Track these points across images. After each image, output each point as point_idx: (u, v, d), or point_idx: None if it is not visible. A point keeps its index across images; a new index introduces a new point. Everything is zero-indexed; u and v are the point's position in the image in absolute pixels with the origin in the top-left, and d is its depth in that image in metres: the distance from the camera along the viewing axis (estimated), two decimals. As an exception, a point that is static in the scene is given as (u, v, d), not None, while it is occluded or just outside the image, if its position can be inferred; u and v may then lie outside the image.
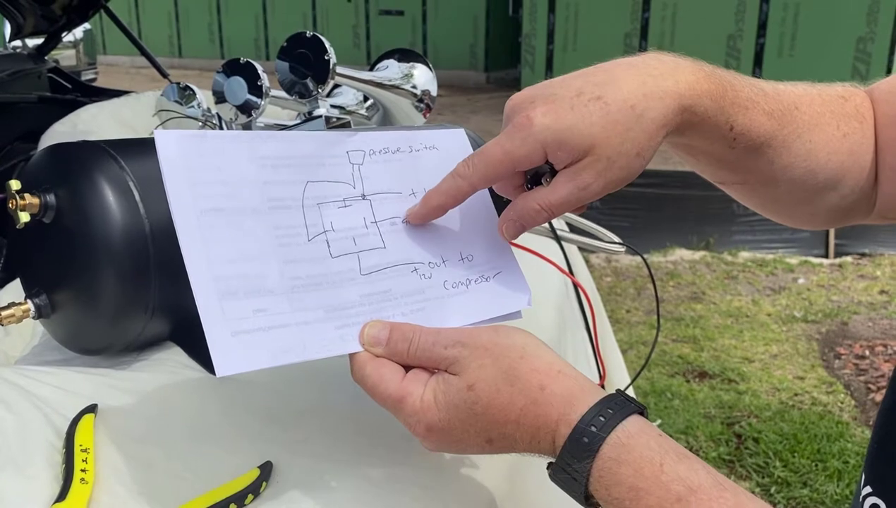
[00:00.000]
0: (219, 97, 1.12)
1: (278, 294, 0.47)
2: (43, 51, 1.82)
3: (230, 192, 0.48)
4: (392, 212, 0.54)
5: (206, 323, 0.43)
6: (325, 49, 1.09)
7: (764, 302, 3.48)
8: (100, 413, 0.57)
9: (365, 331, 0.49)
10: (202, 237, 0.46)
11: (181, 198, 0.46)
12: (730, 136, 0.54)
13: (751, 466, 2.26)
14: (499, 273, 0.56)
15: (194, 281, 0.44)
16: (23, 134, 1.59)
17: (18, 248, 0.67)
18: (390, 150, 0.57)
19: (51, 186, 0.61)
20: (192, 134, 0.49)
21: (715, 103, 0.52)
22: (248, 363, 0.44)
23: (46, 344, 0.71)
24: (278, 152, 0.51)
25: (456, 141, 0.60)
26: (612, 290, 3.59)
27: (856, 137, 0.60)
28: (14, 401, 0.57)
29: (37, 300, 0.63)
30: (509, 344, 0.47)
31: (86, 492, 0.49)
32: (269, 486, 0.53)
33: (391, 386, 0.47)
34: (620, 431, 0.42)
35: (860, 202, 0.62)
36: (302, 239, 0.50)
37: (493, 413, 0.45)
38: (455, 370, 0.46)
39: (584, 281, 1.01)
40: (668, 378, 2.76)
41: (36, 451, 0.52)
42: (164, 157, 0.47)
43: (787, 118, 0.56)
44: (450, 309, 0.53)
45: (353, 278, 0.51)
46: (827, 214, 0.63)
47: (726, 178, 0.61)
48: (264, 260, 0.47)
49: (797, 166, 0.58)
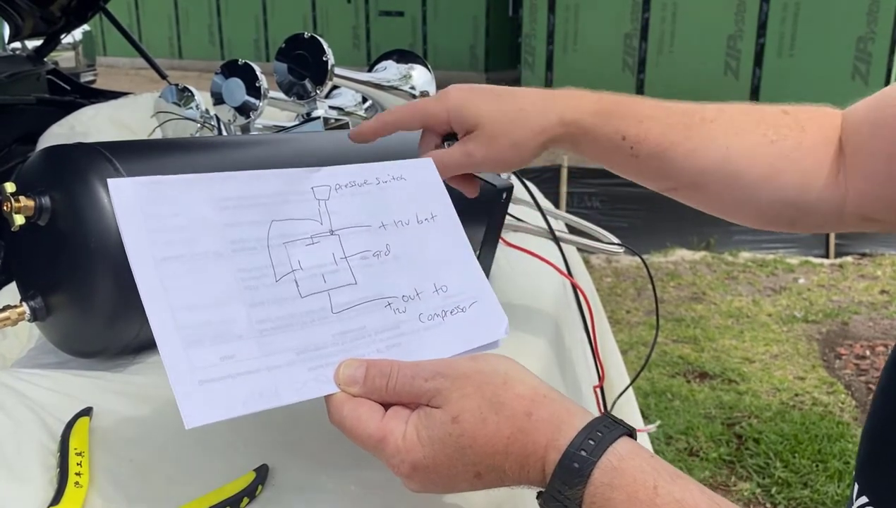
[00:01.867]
0: (217, 98, 1.12)
1: (246, 338, 0.46)
2: (42, 52, 1.82)
3: (190, 237, 0.47)
4: (362, 246, 0.53)
5: (171, 373, 0.42)
6: (323, 50, 1.09)
7: (764, 303, 3.47)
8: (95, 416, 0.57)
9: (340, 371, 0.47)
10: (163, 285, 0.44)
11: (139, 247, 0.45)
12: (625, 145, 0.65)
13: (751, 467, 2.25)
14: (475, 302, 0.55)
15: (157, 331, 0.43)
16: (21, 136, 1.59)
17: (14, 251, 0.67)
18: (357, 183, 0.55)
19: (46, 189, 0.61)
20: (149, 180, 0.47)
21: (600, 118, 0.65)
22: (218, 412, 0.42)
23: (42, 347, 0.71)
24: (239, 193, 0.50)
25: (424, 170, 0.59)
26: (612, 291, 3.58)
27: (787, 143, 0.64)
28: (9, 404, 0.56)
29: (32, 303, 0.63)
30: (491, 370, 0.46)
31: (80, 496, 0.49)
32: (264, 489, 0.52)
33: (371, 426, 0.45)
34: (611, 454, 0.41)
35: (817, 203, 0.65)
36: (269, 280, 0.48)
37: (481, 444, 0.43)
38: (437, 402, 0.45)
39: (582, 283, 1.01)
40: (669, 378, 2.76)
41: (30, 454, 0.52)
42: (118, 206, 0.46)
43: (694, 129, 0.65)
44: (427, 343, 0.51)
45: (325, 317, 0.49)
46: (774, 210, 0.66)
47: (661, 186, 0.69)
48: (230, 304, 0.46)
49: (717, 169, 0.65)
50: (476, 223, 0.87)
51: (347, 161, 0.57)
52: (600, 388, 1.00)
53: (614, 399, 1.10)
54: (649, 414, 2.45)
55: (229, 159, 0.71)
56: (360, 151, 0.81)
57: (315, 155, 0.78)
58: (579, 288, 0.95)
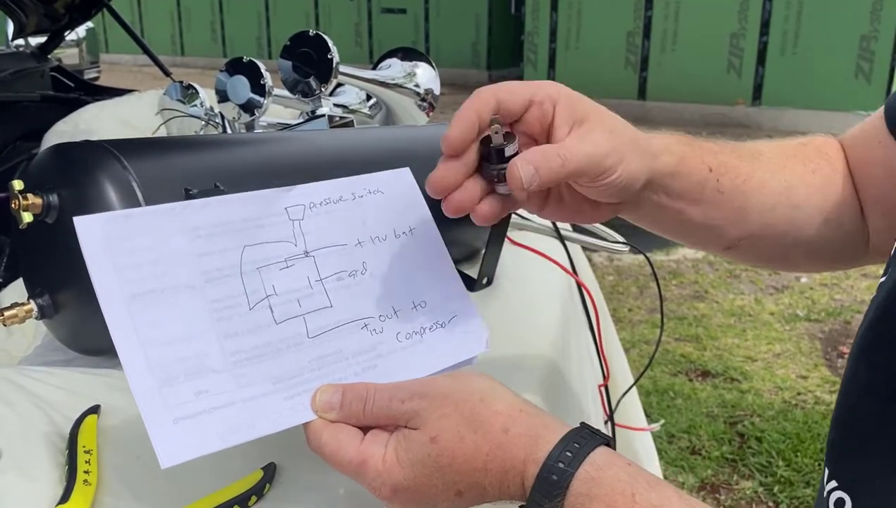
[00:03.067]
0: (221, 96, 1.12)
1: (221, 371, 0.45)
2: (46, 49, 1.82)
3: (162, 271, 0.46)
4: (337, 267, 0.52)
5: (144, 412, 0.42)
6: (328, 48, 1.09)
7: (767, 302, 3.47)
8: (102, 414, 0.57)
9: (317, 397, 0.47)
10: (133, 323, 0.44)
11: (107, 285, 0.44)
12: (712, 178, 0.58)
13: (753, 465, 2.25)
14: (454, 317, 0.54)
15: (128, 370, 0.43)
16: (25, 133, 1.59)
17: (21, 249, 0.67)
18: (332, 200, 0.55)
19: (53, 186, 0.61)
20: (117, 215, 0.47)
21: (687, 146, 0.58)
22: (194, 450, 0.42)
23: (49, 345, 0.71)
24: (212, 220, 0.49)
25: (401, 181, 0.58)
26: (614, 289, 3.58)
27: (825, 172, 0.63)
28: (17, 402, 0.57)
29: (40, 300, 0.63)
30: (469, 389, 0.46)
31: (89, 494, 0.49)
32: (272, 488, 0.52)
33: (350, 451, 0.45)
34: (589, 465, 0.42)
35: (853, 235, 0.64)
36: (243, 309, 0.48)
37: (460, 463, 0.44)
38: (415, 424, 0.45)
39: (587, 281, 1.01)
40: (671, 377, 2.76)
41: (39, 452, 0.52)
42: (85, 244, 0.45)
43: (756, 162, 0.61)
44: (405, 363, 0.51)
45: (301, 342, 0.49)
46: (828, 252, 0.65)
47: (735, 234, 0.62)
48: (203, 338, 0.46)
49: (782, 204, 0.61)
50: (482, 221, 0.87)
51: (358, 158, 0.56)
52: (605, 387, 1.01)
53: (619, 397, 1.10)
54: (651, 413, 2.45)
55: (237, 156, 0.71)
56: (374, 148, 0.81)
57: (323, 153, 0.77)
58: (585, 287, 0.95)
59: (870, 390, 0.49)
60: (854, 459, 0.49)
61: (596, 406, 0.96)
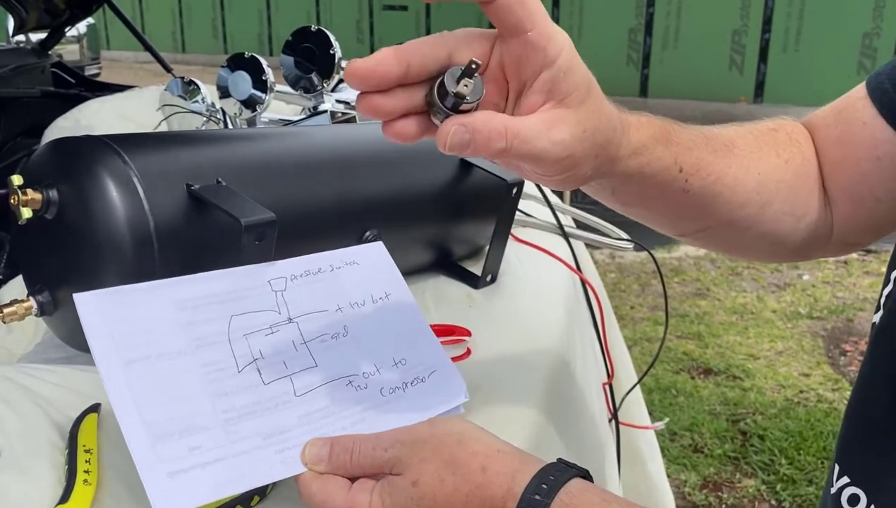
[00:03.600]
0: (223, 92, 1.11)
1: (213, 428, 0.48)
2: (46, 45, 1.81)
3: (154, 339, 0.50)
4: (320, 330, 0.56)
5: (140, 467, 0.44)
6: (330, 43, 1.08)
7: (769, 299, 3.46)
8: (103, 412, 0.56)
9: (306, 450, 0.49)
10: (129, 386, 0.47)
11: (105, 353, 0.48)
12: (681, 178, 0.55)
13: (756, 463, 2.25)
14: (433, 372, 0.57)
15: (125, 429, 0.45)
16: (26, 129, 1.59)
17: (21, 245, 0.66)
18: (311, 272, 0.58)
19: (53, 182, 0.60)
20: (111, 291, 0.50)
21: (663, 145, 0.53)
22: (188, 501, 0.44)
23: (49, 342, 0.70)
24: (197, 293, 0.53)
25: (375, 253, 0.63)
26: (615, 286, 3.57)
27: (796, 162, 0.62)
28: (16, 400, 0.56)
29: (39, 297, 0.63)
30: (446, 432, 0.48)
31: (89, 494, 0.48)
32: (274, 488, 0.52)
33: (338, 501, 0.47)
34: (563, 494, 0.43)
35: (817, 227, 0.63)
36: (232, 371, 0.51)
37: (441, 504, 0.45)
38: (398, 470, 0.47)
39: (591, 278, 1.00)
40: (673, 374, 2.75)
41: (39, 452, 0.52)
42: (84, 317, 0.49)
43: (730, 155, 0.58)
44: (390, 416, 0.54)
45: (288, 401, 0.52)
46: (790, 244, 0.63)
47: (693, 226, 0.61)
48: (195, 398, 0.49)
49: (753, 201, 0.59)
50: (486, 218, 0.86)
51: (360, 154, 0.56)
52: (609, 385, 1.00)
53: (622, 396, 1.09)
54: (653, 411, 2.44)
55: (238, 152, 0.70)
56: (375, 144, 0.80)
57: (324, 149, 0.77)
58: (589, 284, 0.94)
59: (886, 384, 0.48)
60: (869, 454, 0.49)
61: (600, 404, 0.95)
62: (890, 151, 0.57)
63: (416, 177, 0.80)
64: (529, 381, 0.70)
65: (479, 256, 0.93)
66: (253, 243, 0.59)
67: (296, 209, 0.68)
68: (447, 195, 0.82)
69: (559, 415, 0.71)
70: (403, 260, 0.76)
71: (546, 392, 0.69)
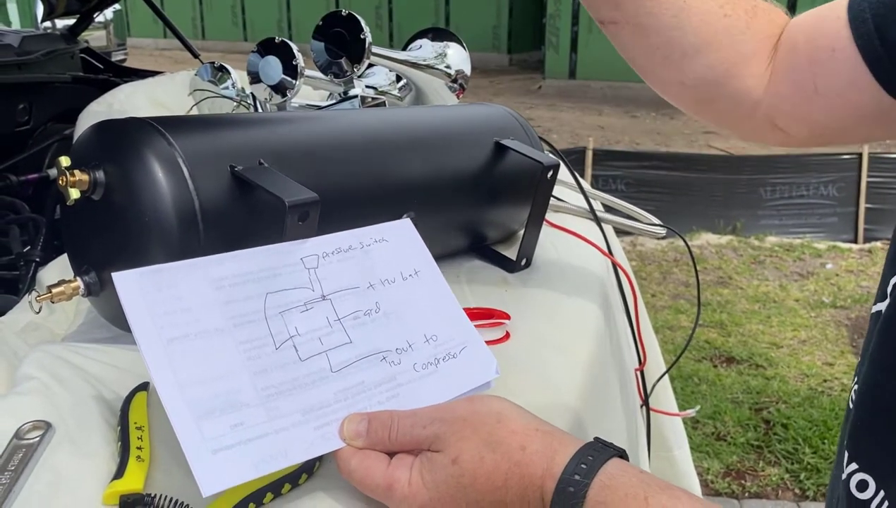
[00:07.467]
0: (253, 77, 1.11)
1: (254, 405, 0.49)
2: (75, 31, 1.82)
3: (193, 318, 0.50)
4: (353, 307, 0.57)
5: (185, 445, 0.45)
6: (361, 28, 1.08)
7: (791, 288, 3.44)
8: (151, 391, 0.57)
9: (344, 426, 0.50)
10: (171, 365, 0.48)
11: (146, 332, 0.48)
12: None
13: (780, 452, 2.24)
14: (464, 348, 0.58)
15: (169, 408, 0.46)
16: (57, 114, 1.60)
17: (67, 226, 0.67)
18: (342, 250, 0.60)
19: (99, 163, 0.60)
20: (150, 270, 0.51)
21: None
22: (232, 477, 0.45)
23: (93, 322, 0.71)
24: (233, 271, 0.54)
25: (404, 231, 0.64)
26: (637, 274, 3.56)
27: (738, 25, 0.63)
28: (68, 378, 0.57)
29: (86, 278, 0.63)
30: (486, 411, 0.48)
31: (143, 470, 0.49)
32: (310, 478, 0.52)
33: (377, 476, 0.48)
34: (603, 474, 0.44)
35: (737, 91, 0.65)
36: (269, 348, 0.52)
37: (481, 482, 0.46)
38: (437, 447, 0.47)
39: (623, 264, 1.00)
40: (696, 363, 2.75)
41: (92, 429, 0.52)
42: (124, 297, 0.49)
43: None
44: (423, 391, 0.55)
45: (325, 377, 0.52)
46: (695, 86, 0.66)
47: (606, 15, 0.65)
48: (235, 375, 0.49)
49: (667, 19, 0.62)
50: (521, 201, 0.86)
51: (399, 136, 0.56)
52: (640, 371, 1.00)
53: (654, 383, 1.09)
54: (676, 399, 2.44)
55: (279, 134, 0.71)
56: (416, 126, 0.80)
57: (363, 131, 0.77)
58: (623, 269, 0.94)
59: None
60: (878, 442, 0.49)
61: (633, 389, 0.95)
62: (846, 47, 0.58)
63: (453, 159, 0.80)
64: (568, 365, 0.70)
65: (512, 241, 0.93)
66: (296, 223, 0.59)
67: (335, 191, 0.68)
68: (483, 177, 0.82)
69: (596, 400, 0.71)
70: (440, 243, 0.76)
71: (584, 376, 0.69)
